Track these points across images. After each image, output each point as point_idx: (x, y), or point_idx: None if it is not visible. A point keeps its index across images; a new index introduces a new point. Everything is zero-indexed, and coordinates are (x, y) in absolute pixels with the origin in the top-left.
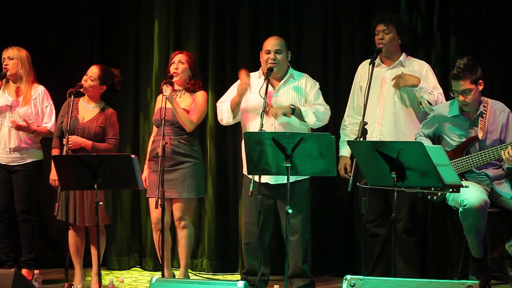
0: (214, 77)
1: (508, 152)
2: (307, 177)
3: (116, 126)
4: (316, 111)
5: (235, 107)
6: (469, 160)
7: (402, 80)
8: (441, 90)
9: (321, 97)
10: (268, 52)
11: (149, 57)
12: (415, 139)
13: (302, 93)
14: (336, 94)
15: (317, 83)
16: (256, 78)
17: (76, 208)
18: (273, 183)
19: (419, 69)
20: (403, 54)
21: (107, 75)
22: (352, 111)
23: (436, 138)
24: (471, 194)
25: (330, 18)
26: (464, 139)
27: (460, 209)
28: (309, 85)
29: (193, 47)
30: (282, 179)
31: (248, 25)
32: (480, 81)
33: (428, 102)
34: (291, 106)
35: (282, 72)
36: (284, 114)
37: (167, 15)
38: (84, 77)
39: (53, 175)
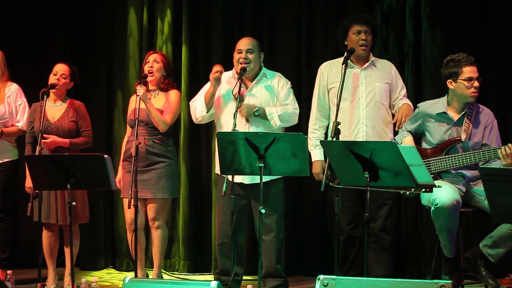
0: (187, 78)
1: (506, 149)
2: (281, 177)
3: (87, 117)
4: (282, 113)
5: (209, 100)
6: (448, 160)
7: (400, 119)
8: (405, 89)
9: (292, 97)
10: (240, 52)
11: (123, 58)
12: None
13: (275, 92)
14: (309, 95)
15: (289, 82)
16: (229, 78)
17: (58, 207)
18: (248, 182)
19: (389, 69)
20: (371, 54)
21: (74, 71)
22: (319, 114)
23: (419, 136)
24: (443, 194)
25: (303, 18)
26: (445, 138)
27: (432, 208)
28: (281, 84)
29: (167, 47)
30: (257, 179)
31: (221, 26)
32: None
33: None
34: (255, 110)
35: (254, 72)
36: (254, 114)
37: (140, 15)
38: (53, 76)
39: (28, 183)
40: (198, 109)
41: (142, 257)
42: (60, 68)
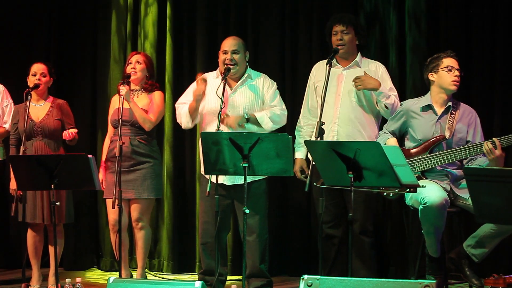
0: (171, 78)
1: (488, 145)
2: (264, 177)
3: (71, 114)
4: (272, 115)
5: (193, 112)
6: (433, 158)
7: (362, 84)
8: (396, 92)
9: (278, 98)
10: (225, 53)
11: (106, 58)
12: (378, 136)
13: (259, 94)
14: (293, 95)
15: (275, 83)
16: (214, 78)
17: (44, 207)
18: (229, 184)
19: (375, 70)
20: (359, 54)
21: (50, 68)
22: (307, 112)
23: (401, 135)
24: (432, 193)
25: (287, 18)
26: (430, 134)
27: (420, 207)
28: (266, 85)
29: (151, 48)
30: (238, 180)
31: (205, 25)
32: None
33: (385, 106)
34: (245, 116)
35: (240, 73)
36: (239, 125)
37: (124, 15)
38: (32, 77)
39: (13, 185)
40: (183, 119)
41: (126, 257)
42: (38, 68)
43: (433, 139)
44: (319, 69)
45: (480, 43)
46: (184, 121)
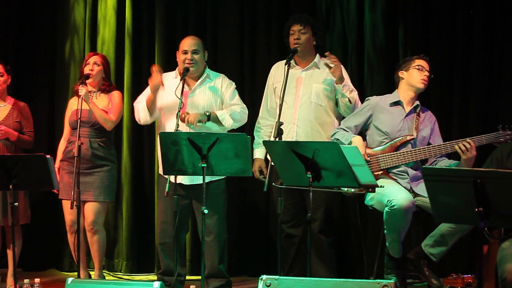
0: (130, 78)
1: (465, 144)
2: (223, 177)
3: (31, 119)
4: (232, 113)
5: (150, 105)
6: (400, 156)
7: (338, 67)
8: (356, 92)
9: (237, 97)
10: (185, 52)
11: (64, 59)
12: (333, 134)
13: (218, 94)
14: (253, 94)
15: (233, 83)
16: (173, 78)
17: (1, 208)
18: (187, 183)
19: None
20: (317, 55)
21: (6, 66)
22: (266, 113)
23: (362, 131)
24: (400, 195)
25: (246, 18)
26: (396, 130)
27: (387, 209)
28: (225, 85)
29: (109, 48)
30: (197, 179)
31: (164, 24)
32: None
33: (349, 100)
34: (206, 113)
35: (199, 72)
36: (200, 121)
37: (83, 16)
38: None
39: None
40: (141, 113)
41: (84, 258)
42: None
43: (401, 139)
44: (277, 70)
45: (439, 46)
46: (143, 115)
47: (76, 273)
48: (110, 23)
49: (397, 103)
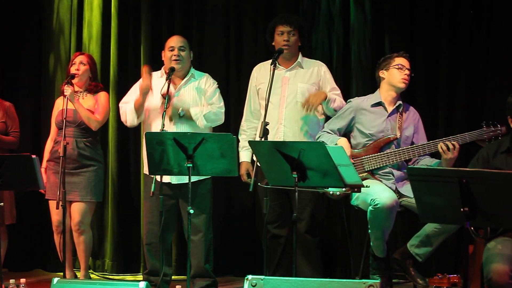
0: (116, 78)
1: (448, 145)
2: (209, 177)
3: (16, 119)
4: (207, 113)
5: (138, 108)
6: (384, 157)
7: (312, 105)
8: (339, 91)
9: (217, 96)
10: (172, 49)
11: (50, 58)
12: (318, 137)
13: (202, 93)
14: (238, 96)
15: (216, 82)
16: (158, 77)
17: None
18: (175, 182)
19: (317, 69)
20: (300, 55)
21: None
22: (250, 115)
23: (347, 133)
24: (383, 194)
25: (232, 19)
26: (379, 131)
27: (370, 208)
28: (207, 84)
29: (95, 48)
30: (184, 179)
31: (150, 25)
32: None
33: (334, 109)
34: (180, 113)
35: (185, 71)
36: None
37: (68, 15)
38: None
39: None
40: (128, 116)
41: (70, 258)
42: None
43: (384, 140)
44: (260, 71)
45: (425, 43)
46: (130, 118)
47: (62, 273)
48: (96, 23)
49: (379, 104)
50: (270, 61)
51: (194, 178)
